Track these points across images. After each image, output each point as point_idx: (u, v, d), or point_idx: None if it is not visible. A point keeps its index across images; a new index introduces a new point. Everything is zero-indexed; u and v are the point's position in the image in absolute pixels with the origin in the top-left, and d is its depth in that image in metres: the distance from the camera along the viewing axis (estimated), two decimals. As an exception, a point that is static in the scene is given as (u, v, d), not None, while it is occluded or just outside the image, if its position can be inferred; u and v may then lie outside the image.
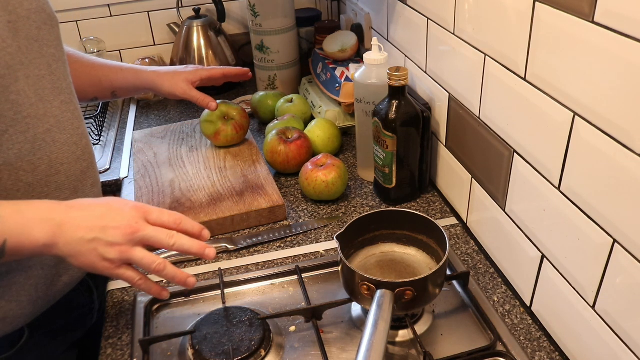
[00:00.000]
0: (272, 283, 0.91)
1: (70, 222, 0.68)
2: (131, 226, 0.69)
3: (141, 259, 0.71)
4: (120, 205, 0.72)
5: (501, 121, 0.82)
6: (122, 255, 0.70)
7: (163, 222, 0.73)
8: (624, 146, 0.58)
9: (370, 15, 1.35)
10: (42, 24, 0.80)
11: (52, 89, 0.81)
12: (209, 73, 1.15)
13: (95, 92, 1.07)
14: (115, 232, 0.69)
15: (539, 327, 0.80)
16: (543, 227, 0.76)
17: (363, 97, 1.07)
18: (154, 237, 0.71)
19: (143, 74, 1.11)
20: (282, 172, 1.19)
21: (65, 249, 0.68)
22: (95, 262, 0.69)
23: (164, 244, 0.71)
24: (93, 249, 0.68)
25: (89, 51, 1.63)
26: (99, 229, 0.68)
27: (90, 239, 0.68)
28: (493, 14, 0.78)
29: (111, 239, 0.69)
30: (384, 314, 0.69)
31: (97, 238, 0.68)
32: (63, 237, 0.68)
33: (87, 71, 1.03)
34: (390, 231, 0.89)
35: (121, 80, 1.09)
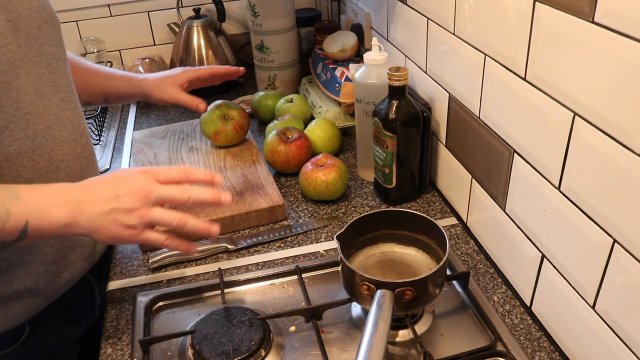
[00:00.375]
0: (272, 283, 0.91)
1: (87, 199, 0.70)
2: (144, 189, 0.71)
3: (161, 217, 0.72)
4: (129, 173, 0.73)
5: (501, 121, 0.82)
6: (142, 219, 0.71)
7: (173, 178, 0.74)
8: (624, 146, 0.58)
9: (370, 15, 1.35)
10: (42, 23, 0.81)
11: (51, 86, 0.82)
12: (196, 74, 1.13)
13: (88, 97, 1.06)
14: (130, 198, 0.70)
15: (539, 327, 0.80)
16: (543, 227, 0.76)
17: (363, 97, 1.07)
18: (168, 195, 0.73)
19: (134, 81, 1.10)
20: (282, 172, 1.19)
21: (87, 225, 0.70)
22: (118, 232, 0.71)
23: (179, 199, 0.73)
24: (113, 220, 0.70)
25: (89, 51, 1.63)
26: (114, 199, 0.70)
27: (108, 210, 0.69)
28: (493, 14, 0.78)
29: (128, 205, 0.70)
30: (384, 314, 0.69)
31: (115, 208, 0.70)
32: (83, 215, 0.69)
33: (81, 76, 1.02)
34: (390, 231, 0.89)
35: (113, 88, 1.09)
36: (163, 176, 0.74)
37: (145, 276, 0.94)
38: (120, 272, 0.96)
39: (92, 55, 1.63)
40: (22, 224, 0.67)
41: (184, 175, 0.75)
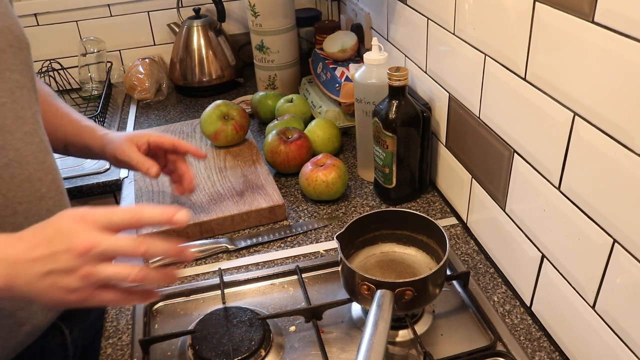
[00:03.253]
0: (272, 283, 0.91)
1: (23, 257, 0.57)
2: (82, 243, 0.57)
3: (113, 274, 0.59)
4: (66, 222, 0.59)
5: (501, 121, 0.82)
6: (87, 280, 0.58)
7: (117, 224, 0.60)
8: (624, 146, 0.58)
9: (370, 15, 1.35)
10: (6, 46, 0.72)
11: (13, 118, 0.72)
12: (158, 139, 0.97)
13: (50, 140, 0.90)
14: (67, 256, 0.57)
15: (539, 327, 0.80)
16: (543, 227, 0.76)
17: (363, 97, 1.07)
18: (117, 249, 0.59)
19: (95, 134, 0.96)
20: (282, 172, 1.19)
21: (25, 290, 0.58)
22: (62, 297, 0.58)
23: (132, 253, 0.59)
24: (52, 284, 0.57)
25: (89, 51, 1.63)
26: (49, 258, 0.57)
27: (45, 272, 0.57)
28: (493, 14, 0.78)
29: (65, 265, 0.57)
30: (384, 314, 0.69)
31: (51, 270, 0.57)
32: (19, 279, 0.57)
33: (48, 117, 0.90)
34: (390, 231, 0.89)
35: (75, 136, 0.95)
36: (105, 223, 0.59)
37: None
38: (120, 272, 0.95)
39: (92, 55, 1.63)
40: None
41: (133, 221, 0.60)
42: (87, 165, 1.33)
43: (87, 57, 1.63)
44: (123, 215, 0.60)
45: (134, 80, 1.60)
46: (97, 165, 1.32)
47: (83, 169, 1.31)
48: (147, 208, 0.61)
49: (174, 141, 0.99)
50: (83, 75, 1.64)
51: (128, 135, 0.96)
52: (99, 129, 0.97)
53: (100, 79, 1.65)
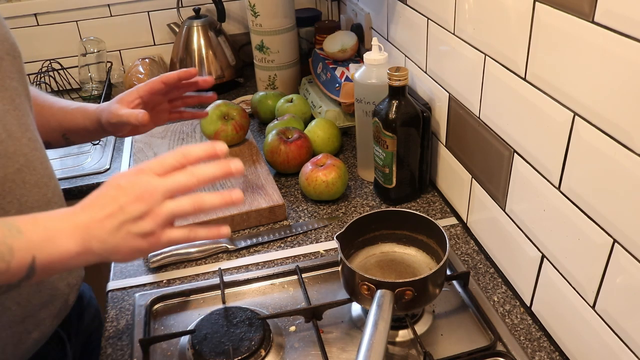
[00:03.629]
0: (272, 283, 0.91)
1: (93, 219, 0.62)
2: (147, 189, 0.63)
3: (176, 207, 0.64)
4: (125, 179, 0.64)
5: (501, 121, 0.82)
6: (157, 219, 0.63)
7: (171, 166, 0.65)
8: (624, 146, 0.58)
9: (370, 15, 1.35)
10: (4, 54, 0.73)
11: (18, 124, 0.74)
12: (146, 86, 0.94)
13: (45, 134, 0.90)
14: (136, 204, 0.62)
15: (539, 327, 0.80)
16: (543, 227, 0.76)
17: (363, 97, 1.07)
18: (174, 184, 0.64)
19: (88, 111, 0.95)
20: (282, 172, 1.19)
21: (101, 249, 0.62)
22: (136, 244, 0.63)
23: (187, 185, 0.64)
24: (127, 234, 0.62)
25: (89, 51, 1.63)
26: (119, 212, 0.62)
27: (118, 225, 0.62)
28: (493, 14, 0.78)
29: (136, 212, 0.62)
30: (384, 314, 0.69)
31: (124, 220, 0.62)
32: (94, 239, 0.61)
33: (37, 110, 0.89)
34: (390, 231, 0.89)
35: (69, 122, 0.95)
36: (160, 168, 0.65)
37: (145, 276, 0.94)
38: (120, 272, 0.96)
39: (92, 55, 1.63)
40: (28, 261, 0.59)
41: (183, 159, 0.66)
42: (87, 165, 1.33)
43: (87, 57, 1.63)
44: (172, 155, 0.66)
45: (134, 80, 1.59)
46: (97, 165, 1.32)
47: (83, 169, 1.32)
48: (190, 147, 0.66)
49: (161, 78, 0.94)
50: (83, 75, 1.64)
51: (117, 98, 0.94)
52: (89, 106, 0.95)
53: (100, 79, 1.65)
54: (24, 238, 0.59)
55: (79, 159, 1.37)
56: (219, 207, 0.67)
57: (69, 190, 1.25)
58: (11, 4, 1.61)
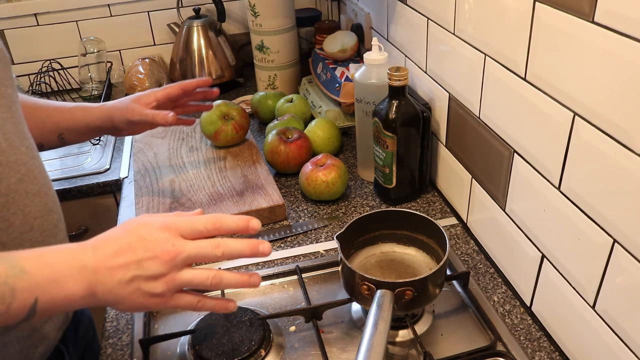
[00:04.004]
0: (272, 283, 0.91)
1: (103, 265, 0.59)
2: (168, 251, 0.60)
3: (192, 279, 0.61)
4: (147, 230, 0.61)
5: (501, 121, 0.82)
6: (170, 285, 0.60)
7: (200, 233, 0.62)
8: (624, 146, 0.58)
9: (370, 15, 1.35)
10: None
11: (16, 132, 0.71)
12: (164, 92, 0.98)
13: (40, 136, 0.90)
14: (154, 262, 0.59)
15: (539, 327, 0.80)
16: (543, 227, 0.76)
17: (363, 97, 1.07)
18: (198, 254, 0.61)
19: (93, 109, 0.96)
20: (282, 172, 1.19)
21: (106, 297, 0.60)
22: (143, 301, 0.60)
23: (211, 257, 0.62)
24: (136, 289, 0.59)
25: (89, 51, 1.63)
26: (135, 265, 0.59)
27: (129, 278, 0.59)
28: (493, 14, 0.78)
29: (152, 271, 0.59)
30: (384, 314, 0.69)
31: (137, 276, 0.59)
32: (101, 285, 0.59)
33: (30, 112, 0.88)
34: (390, 231, 0.89)
35: (68, 120, 0.94)
36: (188, 231, 0.62)
37: (145, 276, 0.94)
38: (120, 272, 0.95)
39: (92, 55, 1.63)
40: (30, 303, 0.56)
41: (213, 229, 0.62)
42: (87, 165, 1.33)
43: (87, 57, 1.63)
44: (203, 222, 0.62)
45: (134, 80, 1.59)
46: (97, 165, 1.32)
47: (83, 169, 1.32)
48: (225, 216, 0.63)
49: (180, 86, 0.99)
50: (83, 75, 1.64)
51: (132, 97, 0.97)
52: (90, 105, 0.97)
53: (100, 79, 1.65)
54: (27, 278, 0.56)
55: (79, 159, 1.37)
56: (236, 287, 0.65)
57: (69, 190, 1.25)
58: (11, 4, 1.61)
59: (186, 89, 0.99)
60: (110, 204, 1.31)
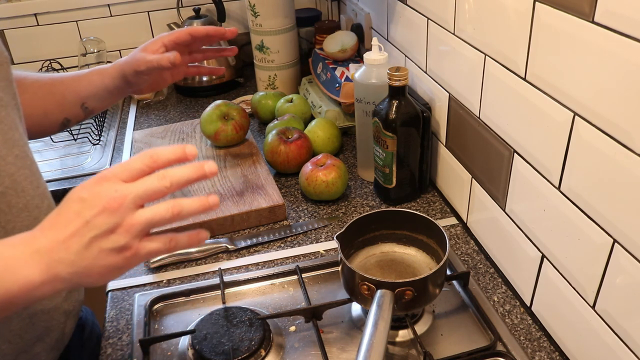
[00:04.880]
0: (272, 283, 0.91)
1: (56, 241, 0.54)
2: (114, 198, 0.54)
3: (152, 216, 0.56)
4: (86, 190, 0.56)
5: (501, 121, 0.82)
6: (131, 231, 0.55)
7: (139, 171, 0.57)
8: (624, 146, 0.58)
9: (370, 15, 1.35)
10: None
11: (3, 141, 0.67)
12: (170, 37, 0.92)
13: (63, 111, 0.89)
14: (103, 216, 0.54)
15: (539, 327, 0.80)
16: (543, 227, 0.76)
17: (363, 97, 1.07)
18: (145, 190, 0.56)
19: (108, 70, 0.93)
20: (282, 172, 1.19)
21: (70, 273, 0.55)
22: (110, 261, 0.55)
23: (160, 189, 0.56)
24: (99, 252, 0.55)
25: (89, 51, 1.63)
26: (86, 228, 0.54)
27: (86, 243, 0.54)
28: (493, 14, 0.78)
29: (105, 226, 0.54)
30: (384, 314, 0.69)
31: (92, 237, 0.54)
32: (61, 262, 0.54)
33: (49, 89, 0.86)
34: (390, 231, 0.89)
35: (86, 86, 0.91)
36: (127, 173, 0.56)
37: (145, 276, 0.94)
38: (120, 272, 0.95)
39: (92, 55, 1.63)
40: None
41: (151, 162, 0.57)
42: (87, 165, 1.33)
43: (87, 57, 1.63)
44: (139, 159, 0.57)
45: (134, 80, 1.59)
46: (97, 165, 1.32)
47: (83, 169, 1.32)
48: (158, 149, 0.58)
49: (188, 30, 0.92)
50: (83, 75, 1.64)
51: (140, 47, 0.93)
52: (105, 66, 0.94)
53: (100, 79, 1.65)
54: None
55: (79, 159, 1.37)
56: (198, 212, 0.59)
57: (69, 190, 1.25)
58: (11, 4, 1.61)
59: (195, 34, 0.93)
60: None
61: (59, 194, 1.23)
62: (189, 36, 0.92)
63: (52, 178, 1.27)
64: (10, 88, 0.72)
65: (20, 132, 0.71)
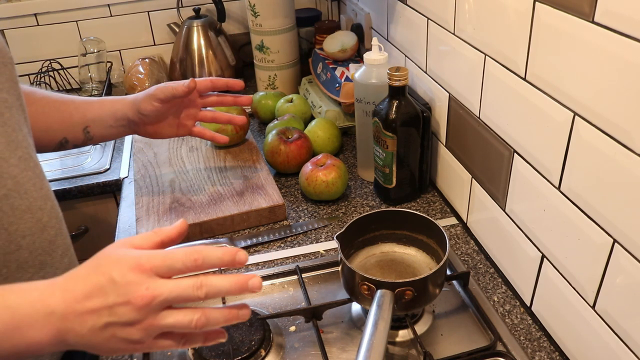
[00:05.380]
0: (272, 283, 0.91)
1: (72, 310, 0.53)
2: (142, 296, 0.53)
3: (174, 324, 0.54)
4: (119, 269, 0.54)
5: (501, 121, 0.82)
6: (148, 331, 0.54)
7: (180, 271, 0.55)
8: (624, 146, 0.58)
9: (370, 15, 1.35)
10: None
11: (6, 143, 0.67)
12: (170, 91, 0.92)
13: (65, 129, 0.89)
14: (127, 308, 0.53)
15: (539, 327, 0.80)
16: (543, 227, 0.76)
17: (363, 97, 1.07)
18: (178, 297, 0.54)
19: (124, 98, 0.95)
20: (282, 172, 1.19)
21: (79, 343, 0.54)
22: (122, 347, 0.55)
23: (192, 298, 0.54)
24: (111, 336, 0.54)
25: (89, 51, 1.63)
26: (106, 311, 0.53)
27: (102, 325, 0.53)
28: (493, 14, 0.78)
29: (126, 318, 0.53)
30: (384, 314, 0.69)
31: (110, 323, 0.53)
32: (71, 332, 0.54)
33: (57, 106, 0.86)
34: (390, 231, 0.89)
35: (96, 109, 0.92)
36: (165, 269, 0.54)
37: (145, 276, 0.94)
38: (120, 272, 0.95)
39: (92, 55, 1.63)
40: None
41: (193, 267, 0.55)
42: (87, 165, 1.33)
43: (87, 57, 1.63)
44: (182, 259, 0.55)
45: (134, 80, 1.59)
46: (97, 165, 1.32)
47: (83, 169, 1.32)
48: (207, 249, 0.56)
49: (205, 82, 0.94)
50: (83, 75, 1.64)
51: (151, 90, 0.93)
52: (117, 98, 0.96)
53: (100, 79, 1.65)
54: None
55: (79, 159, 1.37)
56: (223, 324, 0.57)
57: (69, 190, 1.25)
58: (11, 4, 1.61)
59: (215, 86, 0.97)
60: (110, 204, 1.31)
61: (59, 194, 1.24)
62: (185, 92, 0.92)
63: (52, 178, 1.27)
64: (15, 89, 0.72)
65: (24, 133, 0.71)
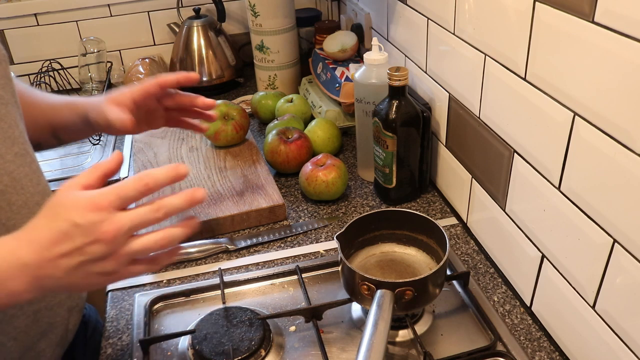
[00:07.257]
0: (272, 283, 0.91)
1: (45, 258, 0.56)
2: (107, 231, 0.56)
3: (143, 247, 0.58)
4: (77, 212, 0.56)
5: (501, 121, 0.82)
6: (120, 260, 0.58)
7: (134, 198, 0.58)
8: (624, 146, 0.58)
9: (370, 15, 1.35)
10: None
11: (2, 139, 0.67)
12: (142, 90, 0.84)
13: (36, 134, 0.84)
14: (96, 246, 0.56)
15: (539, 327, 0.80)
16: (543, 227, 0.76)
17: (363, 97, 1.07)
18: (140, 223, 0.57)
19: (77, 106, 0.87)
20: (282, 172, 1.19)
21: (55, 285, 0.58)
22: (96, 281, 0.59)
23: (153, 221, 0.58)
24: (86, 273, 0.57)
25: (89, 51, 1.63)
26: (77, 252, 0.56)
27: (76, 265, 0.56)
28: (493, 14, 0.78)
29: (97, 254, 0.56)
30: (384, 314, 0.69)
31: (83, 261, 0.56)
32: (48, 277, 0.56)
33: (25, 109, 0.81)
34: (390, 231, 0.89)
35: (58, 118, 0.87)
36: (120, 202, 0.57)
37: (145, 276, 0.94)
38: (120, 272, 0.95)
39: (92, 55, 1.63)
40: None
41: (144, 188, 0.58)
42: (87, 165, 1.33)
43: (87, 57, 1.63)
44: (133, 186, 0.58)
45: (134, 80, 1.59)
46: (97, 165, 1.32)
47: (83, 169, 1.31)
48: (152, 170, 0.59)
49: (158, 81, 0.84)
50: (83, 75, 1.64)
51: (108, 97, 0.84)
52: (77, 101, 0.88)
53: (100, 79, 1.65)
54: None
55: (79, 159, 1.37)
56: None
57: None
58: (11, 4, 1.61)
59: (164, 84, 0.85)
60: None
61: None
62: (159, 88, 0.85)
63: (52, 178, 1.27)
64: (10, 85, 0.72)
65: (20, 130, 0.72)
